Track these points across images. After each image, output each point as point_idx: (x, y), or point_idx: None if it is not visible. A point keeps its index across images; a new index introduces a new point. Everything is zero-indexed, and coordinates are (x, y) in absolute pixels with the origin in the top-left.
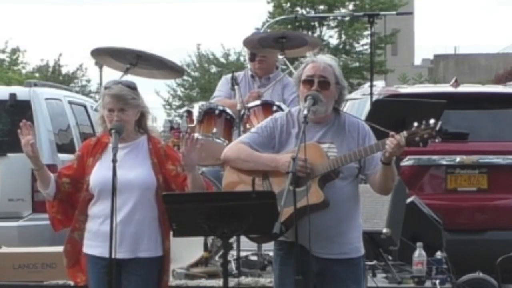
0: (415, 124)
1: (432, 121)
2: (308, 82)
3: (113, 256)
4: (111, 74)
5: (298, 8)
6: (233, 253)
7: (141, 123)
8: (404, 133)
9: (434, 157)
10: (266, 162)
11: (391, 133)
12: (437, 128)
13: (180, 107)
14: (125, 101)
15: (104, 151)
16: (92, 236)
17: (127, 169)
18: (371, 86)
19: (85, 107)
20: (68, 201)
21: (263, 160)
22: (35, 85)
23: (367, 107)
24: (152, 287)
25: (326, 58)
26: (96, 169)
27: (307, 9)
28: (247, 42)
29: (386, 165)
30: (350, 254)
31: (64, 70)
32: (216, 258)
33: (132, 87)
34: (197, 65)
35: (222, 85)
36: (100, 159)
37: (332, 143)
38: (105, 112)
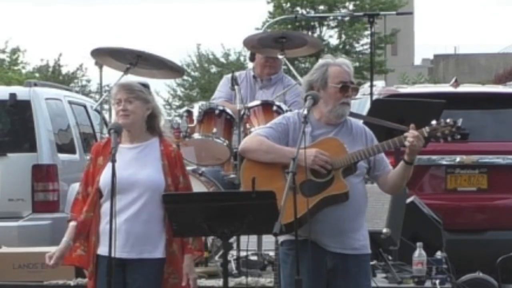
0: (434, 122)
1: (450, 119)
2: (345, 88)
3: (117, 256)
4: (111, 74)
5: (298, 8)
6: (233, 253)
7: (152, 124)
8: (426, 128)
9: (434, 157)
10: (289, 155)
11: (411, 125)
12: (458, 124)
13: (180, 107)
14: (131, 90)
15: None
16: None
17: (137, 169)
18: (371, 86)
19: (85, 107)
20: None
21: (285, 152)
22: (35, 85)
23: (367, 107)
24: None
25: (348, 62)
26: (106, 169)
27: (307, 9)
28: (247, 42)
29: (408, 165)
30: (361, 250)
31: (64, 70)
32: (216, 258)
33: (143, 84)
34: (197, 65)
35: (223, 86)
36: (110, 159)
37: (344, 143)
38: (115, 106)
